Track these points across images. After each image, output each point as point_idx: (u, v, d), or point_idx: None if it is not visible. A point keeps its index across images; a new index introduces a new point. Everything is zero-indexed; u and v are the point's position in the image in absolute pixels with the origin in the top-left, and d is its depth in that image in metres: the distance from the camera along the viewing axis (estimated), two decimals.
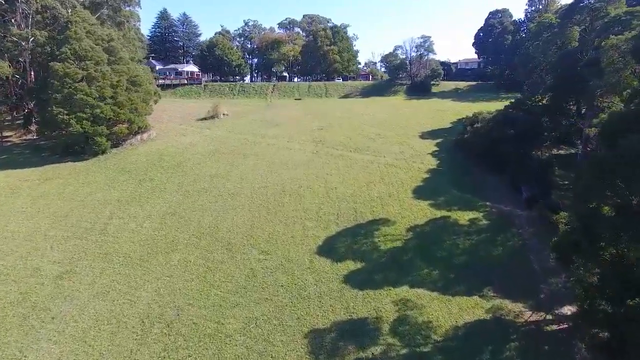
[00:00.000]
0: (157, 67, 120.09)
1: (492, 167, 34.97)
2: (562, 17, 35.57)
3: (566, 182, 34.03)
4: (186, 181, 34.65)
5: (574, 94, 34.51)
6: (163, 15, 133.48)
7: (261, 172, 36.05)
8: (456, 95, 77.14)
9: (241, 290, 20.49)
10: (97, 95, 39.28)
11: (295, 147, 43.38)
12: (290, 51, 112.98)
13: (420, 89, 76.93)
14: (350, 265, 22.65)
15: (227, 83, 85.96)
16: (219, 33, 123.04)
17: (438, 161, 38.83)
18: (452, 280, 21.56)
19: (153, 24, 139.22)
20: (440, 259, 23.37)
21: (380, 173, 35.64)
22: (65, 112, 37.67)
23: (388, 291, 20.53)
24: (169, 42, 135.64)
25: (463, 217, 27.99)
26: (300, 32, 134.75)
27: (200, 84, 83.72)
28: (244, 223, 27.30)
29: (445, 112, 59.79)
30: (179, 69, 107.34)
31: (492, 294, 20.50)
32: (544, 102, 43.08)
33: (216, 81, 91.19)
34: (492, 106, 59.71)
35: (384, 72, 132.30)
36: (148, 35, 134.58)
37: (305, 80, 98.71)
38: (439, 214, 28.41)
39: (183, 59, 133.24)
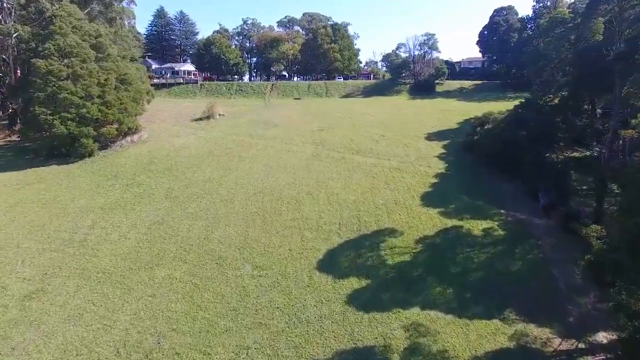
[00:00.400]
0: (154, 66, 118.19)
1: (504, 171, 32.80)
2: (587, 8, 33.32)
3: (584, 187, 31.96)
4: (176, 186, 32.50)
5: (596, 91, 32.36)
6: (160, 14, 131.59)
7: (257, 177, 33.90)
8: (461, 94, 75.04)
9: (231, 313, 18.32)
10: (83, 94, 37.18)
11: (294, 149, 41.25)
12: (290, 50, 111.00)
13: (424, 88, 74.82)
14: (354, 283, 20.48)
15: (224, 82, 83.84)
16: (217, 32, 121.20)
17: (446, 164, 36.68)
18: (468, 300, 19.39)
19: (149, 22, 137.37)
20: (454, 275, 21.19)
21: (384, 177, 33.49)
22: (49, 112, 35.55)
23: (397, 314, 18.36)
24: (166, 40, 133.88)
25: (476, 226, 25.83)
26: (300, 30, 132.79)
27: (197, 83, 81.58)
28: (237, 233, 25.14)
29: (450, 112, 57.68)
30: (176, 68, 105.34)
31: (514, 317, 18.33)
32: (555, 101, 41.05)
33: (213, 80, 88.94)
34: (500, 106, 57.59)
35: (385, 71, 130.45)
36: (144, 34, 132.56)
37: (305, 80, 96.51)
38: (449, 223, 26.25)
39: (180, 58, 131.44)
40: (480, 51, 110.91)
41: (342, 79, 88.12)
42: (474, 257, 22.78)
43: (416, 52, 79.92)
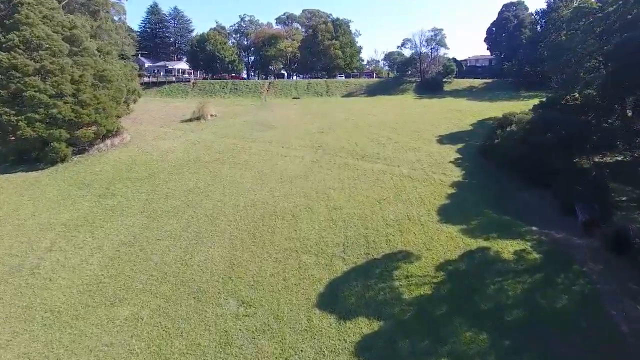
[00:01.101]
0: (147, 65, 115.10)
1: (531, 179, 28.97)
2: None
3: (623, 199, 28.18)
4: (156, 197, 28.68)
5: (636, 87, 28.66)
6: (153, 10, 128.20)
7: (248, 187, 30.10)
8: (471, 93, 71.34)
9: None
10: (54, 93, 33.42)
11: (291, 154, 37.45)
12: (289, 47, 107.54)
13: (431, 87, 71.11)
14: (364, 326, 16.64)
15: (218, 81, 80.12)
16: (214, 29, 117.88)
17: (463, 172, 32.87)
18: (509, 350, 15.57)
19: (142, 19, 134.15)
20: (487, 314, 17.36)
21: (394, 187, 29.67)
22: (13, 112, 31.80)
23: None
24: (160, 38, 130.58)
25: (506, 248, 22.00)
26: (300, 27, 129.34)
27: (189, 81, 77.88)
28: (222, 258, 21.32)
29: (462, 112, 53.92)
30: (170, 67, 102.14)
31: None
32: (580, 100, 37.40)
33: (207, 79, 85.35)
34: (515, 106, 54.01)
35: (388, 70, 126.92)
36: (137, 31, 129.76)
37: (304, 78, 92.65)
38: (474, 244, 22.43)
39: (175, 57, 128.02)
40: (488, 48, 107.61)
41: (343, 77, 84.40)
42: (508, 288, 18.94)
43: (423, 49, 76.15)
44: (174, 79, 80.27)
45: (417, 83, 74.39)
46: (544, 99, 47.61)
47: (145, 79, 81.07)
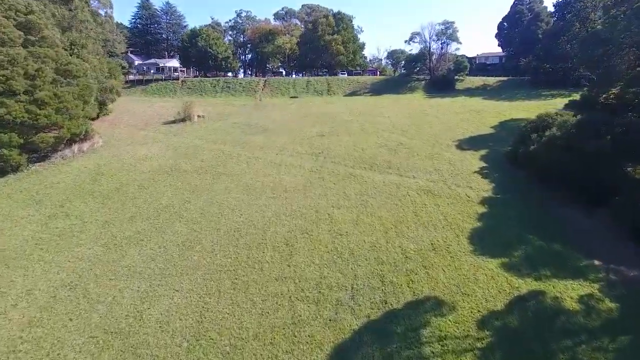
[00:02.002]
0: (136, 62, 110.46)
1: (581, 195, 23.99)
2: None
3: None
4: (118, 219, 23.64)
5: None
6: (144, 5, 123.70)
7: (234, 205, 25.06)
8: (486, 92, 66.36)
9: None
10: (2, 89, 28.41)
11: (286, 161, 32.43)
12: (287, 43, 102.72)
13: (442, 85, 66.16)
14: None
15: (209, 79, 75.17)
16: (209, 25, 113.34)
17: (492, 184, 27.82)
18: None
19: (133, 14, 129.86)
20: None
21: (412, 205, 24.63)
22: None
23: None
24: (151, 34, 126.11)
25: (567, 292, 16.95)
26: (299, 23, 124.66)
27: (177, 79, 72.97)
28: (190, 308, 16.26)
29: (480, 113, 48.93)
30: (161, 64, 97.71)
31: None
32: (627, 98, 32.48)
33: (198, 77, 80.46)
34: (539, 106, 49.23)
35: (392, 68, 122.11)
36: (127, 27, 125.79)
37: (304, 76, 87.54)
38: (523, 286, 17.38)
39: (167, 54, 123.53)
40: (499, 45, 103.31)
41: (345, 75, 79.45)
42: (583, 359, 13.87)
43: (432, 44, 71.20)
44: (162, 77, 75.31)
45: (427, 81, 69.41)
46: (572, 98, 42.84)
47: (132, 77, 76.37)
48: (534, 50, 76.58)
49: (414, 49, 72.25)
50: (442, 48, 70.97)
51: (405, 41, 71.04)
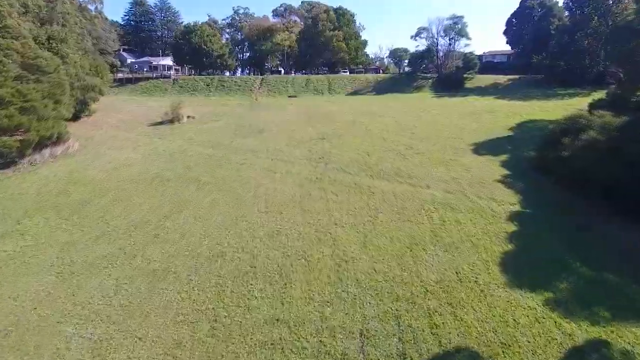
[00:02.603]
0: (129, 60, 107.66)
1: (630, 210, 20.56)
2: None
3: None
4: (82, 239, 20.21)
5: None
6: (138, 1, 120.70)
7: (219, 221, 21.64)
8: (498, 91, 63.03)
9: None
10: None
11: (282, 169, 29.02)
12: (286, 41, 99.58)
13: (450, 84, 62.81)
14: None
15: (202, 77, 71.91)
16: (206, 23, 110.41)
17: (518, 196, 24.37)
18: None
19: (126, 10, 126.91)
20: None
21: (429, 222, 21.20)
22: None
23: None
24: (145, 32, 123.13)
25: (638, 342, 13.49)
26: (298, 20, 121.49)
27: (169, 77, 69.65)
28: None
29: (494, 113, 45.55)
30: (154, 63, 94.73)
31: None
32: None
33: (193, 75, 77.19)
34: (559, 106, 46.15)
35: (396, 67, 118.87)
36: (120, 24, 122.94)
37: (303, 73, 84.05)
38: (577, 332, 13.89)
39: (162, 52, 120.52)
40: (507, 42, 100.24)
41: (347, 73, 76.06)
42: None
43: (440, 40, 67.72)
44: (153, 76, 72.04)
45: (434, 79, 66.07)
46: (594, 97, 39.53)
47: (120, 75, 73.19)
48: (546, 46, 73.37)
49: (421, 45, 68.85)
50: (450, 44, 67.56)
51: (412, 36, 67.48)
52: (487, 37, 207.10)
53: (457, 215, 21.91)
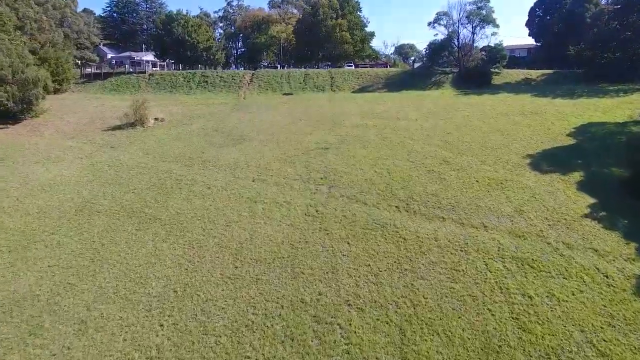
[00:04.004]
0: (109, 55, 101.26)
1: None
2: None
3: None
4: None
5: None
6: None
7: (157, 293, 13.45)
8: (531, 88, 54.87)
9: None
10: None
11: (268, 194, 20.81)
12: (282, 32, 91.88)
13: (474, 79, 54.63)
14: None
15: (182, 72, 63.94)
16: (197, 17, 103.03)
17: (628, 241, 16.15)
18: None
19: (107, 2, 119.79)
20: None
21: (505, 301, 12.97)
22: None
23: None
24: (128, 25, 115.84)
25: None
26: (296, 12, 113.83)
27: (144, 73, 61.67)
28: None
29: (540, 115, 37.35)
30: (137, 58, 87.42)
31: None
32: None
33: (177, 70, 69.25)
34: (615, 105, 39.33)
35: (404, 63, 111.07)
36: (100, 15, 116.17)
37: (301, 67, 75.50)
38: None
39: (146, 47, 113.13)
40: (530, 34, 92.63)
41: (352, 67, 67.98)
42: None
43: (462, 29, 59.46)
44: (126, 71, 64.11)
45: (455, 74, 57.96)
46: None
47: (87, 70, 65.46)
48: (580, 37, 65.76)
49: (439, 34, 60.38)
50: (473, 33, 59.33)
51: (429, 23, 59.21)
52: (502, 31, 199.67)
53: (548, 284, 13.71)
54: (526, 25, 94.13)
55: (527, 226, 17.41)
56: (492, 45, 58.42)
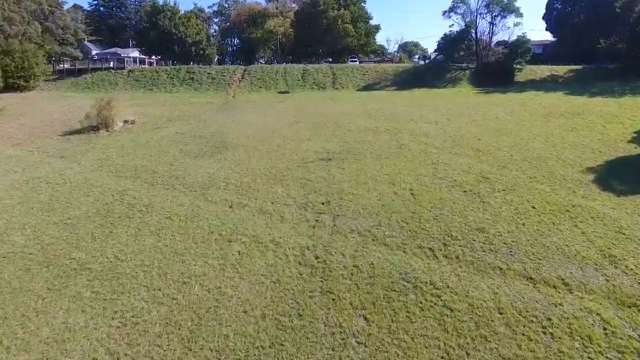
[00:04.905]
0: (94, 52, 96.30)
1: None
2: None
3: None
4: None
5: None
6: None
7: None
8: (560, 85, 49.43)
9: None
10: None
11: (250, 227, 15.16)
12: (280, 26, 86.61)
13: (495, 76, 49.10)
14: None
15: (167, 68, 58.56)
16: (191, 12, 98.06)
17: None
18: None
19: None
20: None
21: None
22: None
23: None
24: (114, 19, 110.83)
25: None
26: (294, 5, 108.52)
27: (123, 69, 56.29)
28: None
29: (583, 117, 31.83)
30: (123, 55, 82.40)
31: None
32: None
33: (156, 66, 63.78)
34: None
35: (410, 59, 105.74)
36: (86, 10, 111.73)
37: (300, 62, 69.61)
38: None
39: (133, 43, 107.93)
40: (547, 28, 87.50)
41: (357, 62, 62.44)
42: None
43: (480, 19, 53.90)
44: (102, 67, 58.69)
45: (473, 70, 52.49)
46: None
47: (61, 65, 60.19)
48: (607, 29, 60.46)
49: (455, 25, 54.75)
50: (493, 24, 53.78)
51: (444, 12, 53.51)
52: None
53: None
54: (543, 18, 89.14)
55: (633, 285, 11.84)
56: (517, 38, 52.75)
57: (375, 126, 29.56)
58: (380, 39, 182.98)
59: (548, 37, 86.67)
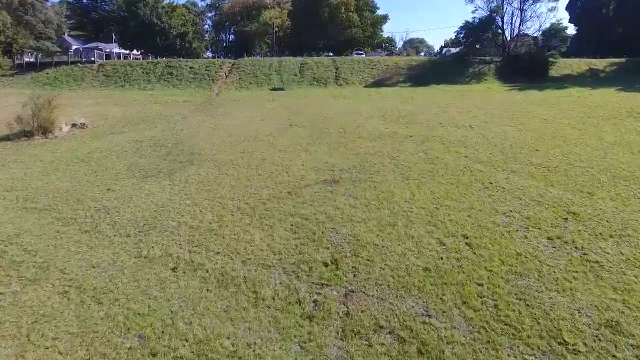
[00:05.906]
0: (74, 46, 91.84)
1: None
2: None
3: None
4: None
5: None
6: None
7: None
8: (603, 81, 43.10)
9: None
10: None
11: (201, 324, 8.65)
12: (276, 18, 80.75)
13: (526, 70, 42.77)
14: None
15: (143, 62, 52.27)
16: (183, 6, 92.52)
17: None
18: None
19: None
20: None
21: None
22: None
23: None
24: (96, 12, 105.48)
25: None
26: None
27: (93, 63, 50.06)
28: None
29: None
30: (106, 50, 76.97)
31: None
32: None
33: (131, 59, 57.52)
34: None
35: (420, 55, 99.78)
36: (69, 1, 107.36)
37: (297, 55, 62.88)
38: None
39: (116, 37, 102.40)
40: (570, 20, 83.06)
41: (363, 55, 56.07)
42: None
43: (506, 7, 47.44)
44: (69, 61, 52.43)
45: (499, 63, 46.12)
46: None
47: (25, 59, 54.12)
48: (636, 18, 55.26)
49: (479, 10, 48.29)
50: (522, 10, 47.31)
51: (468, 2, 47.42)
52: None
53: None
54: (566, 9, 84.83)
55: None
56: (552, 25, 46.31)
57: (394, 131, 23.13)
58: (385, 33, 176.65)
59: (572, 29, 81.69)
